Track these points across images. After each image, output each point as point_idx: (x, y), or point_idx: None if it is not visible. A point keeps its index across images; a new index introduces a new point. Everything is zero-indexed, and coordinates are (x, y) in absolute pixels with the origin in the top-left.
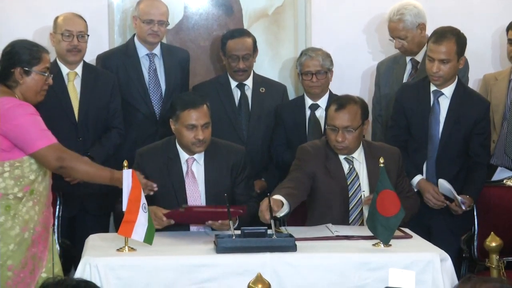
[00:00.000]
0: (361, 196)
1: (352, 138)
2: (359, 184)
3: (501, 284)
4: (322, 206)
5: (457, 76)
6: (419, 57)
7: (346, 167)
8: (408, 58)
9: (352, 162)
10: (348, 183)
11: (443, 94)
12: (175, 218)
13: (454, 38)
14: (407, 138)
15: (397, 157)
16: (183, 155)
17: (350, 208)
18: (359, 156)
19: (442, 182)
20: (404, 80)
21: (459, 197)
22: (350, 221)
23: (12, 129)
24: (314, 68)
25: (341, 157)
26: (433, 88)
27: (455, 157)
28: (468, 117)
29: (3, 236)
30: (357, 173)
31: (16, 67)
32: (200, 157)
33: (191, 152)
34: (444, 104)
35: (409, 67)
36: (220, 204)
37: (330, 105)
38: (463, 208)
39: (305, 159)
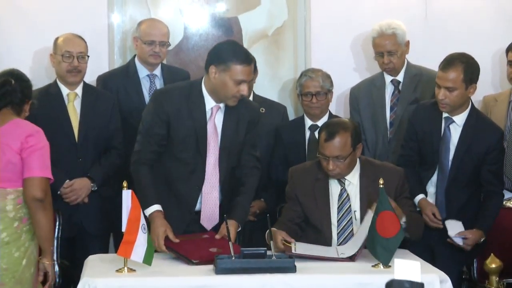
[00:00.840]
0: (351, 217)
1: (344, 165)
2: (350, 205)
3: None
4: (309, 227)
5: (470, 103)
6: (400, 77)
7: (338, 188)
8: (388, 79)
9: (344, 183)
10: (338, 205)
11: (454, 122)
12: (175, 248)
13: (462, 65)
14: (418, 159)
15: (396, 177)
16: (210, 102)
17: (338, 231)
18: (353, 177)
19: (450, 224)
20: (387, 101)
21: (456, 239)
22: (338, 243)
23: (33, 150)
24: (314, 89)
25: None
26: (445, 114)
27: (465, 186)
28: (479, 146)
29: (28, 262)
30: (348, 194)
31: (30, 100)
32: (223, 106)
33: (220, 101)
34: (455, 132)
35: (390, 88)
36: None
37: (320, 131)
38: (461, 245)
39: (292, 183)
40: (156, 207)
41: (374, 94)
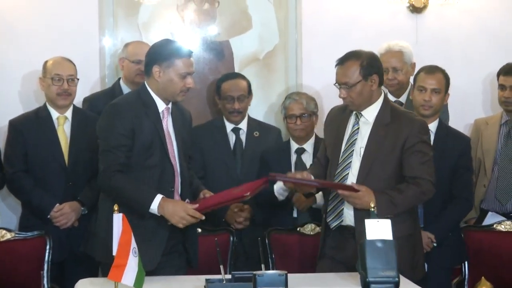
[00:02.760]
0: (353, 150)
1: (354, 94)
2: (356, 139)
3: None
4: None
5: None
6: (403, 99)
7: (352, 121)
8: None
9: (359, 118)
10: (348, 137)
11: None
12: (204, 208)
13: (442, 72)
14: None
15: (408, 127)
16: (160, 104)
17: (339, 162)
18: (370, 115)
19: None
20: None
21: None
22: (337, 172)
23: None
24: (298, 111)
25: (354, 111)
26: None
27: (441, 193)
28: (451, 153)
29: None
30: (358, 128)
31: None
32: (170, 108)
33: (167, 101)
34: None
35: None
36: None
37: None
38: None
39: (326, 120)
40: (159, 196)
41: None
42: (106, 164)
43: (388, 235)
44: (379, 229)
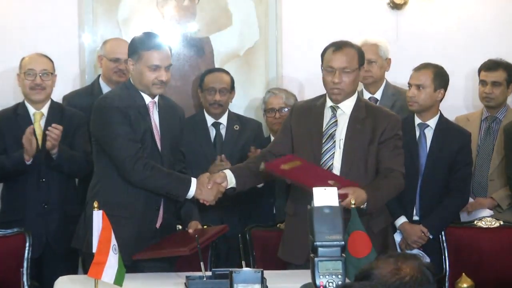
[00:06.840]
0: (334, 142)
1: (349, 80)
2: (335, 131)
3: (420, 261)
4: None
5: (439, 111)
6: (378, 95)
7: (329, 114)
8: (366, 96)
9: (336, 111)
10: (324, 130)
11: (428, 126)
12: None
13: (433, 69)
14: None
15: (385, 121)
16: (146, 97)
17: (322, 151)
18: (347, 108)
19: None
20: None
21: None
22: (321, 163)
23: None
24: (278, 105)
25: (328, 104)
26: (418, 121)
27: (439, 187)
28: (450, 147)
29: None
30: (336, 120)
31: None
32: (157, 102)
33: (151, 94)
34: (429, 135)
35: None
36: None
37: (326, 49)
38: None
39: (290, 115)
40: (194, 180)
41: None
42: (129, 155)
43: (335, 202)
44: (326, 197)
